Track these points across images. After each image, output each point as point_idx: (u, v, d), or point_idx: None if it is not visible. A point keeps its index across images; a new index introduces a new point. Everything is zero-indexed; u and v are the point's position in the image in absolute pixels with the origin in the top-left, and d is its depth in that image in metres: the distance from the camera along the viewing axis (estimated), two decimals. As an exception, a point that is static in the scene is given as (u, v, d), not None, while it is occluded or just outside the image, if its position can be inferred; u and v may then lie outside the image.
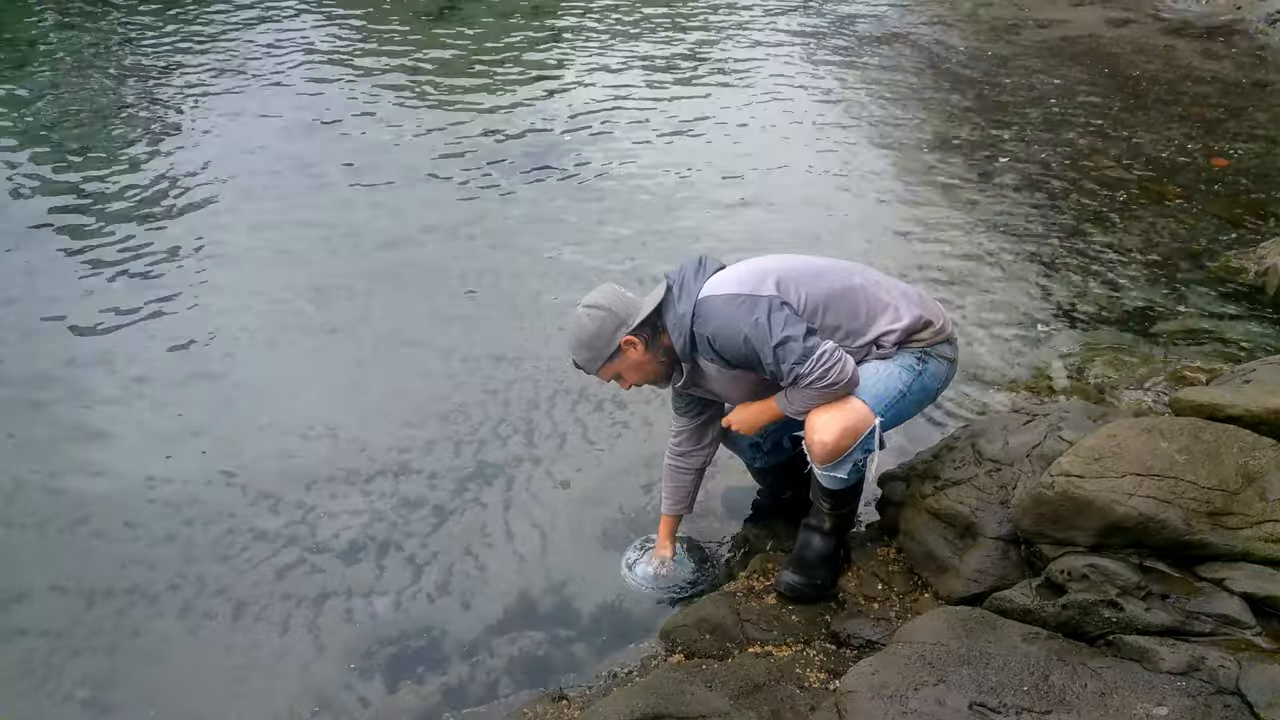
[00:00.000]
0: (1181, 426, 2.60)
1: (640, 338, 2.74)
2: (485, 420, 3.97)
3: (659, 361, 2.80)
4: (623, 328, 2.72)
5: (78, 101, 7.42)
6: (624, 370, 2.82)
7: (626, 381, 2.86)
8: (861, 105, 7.46)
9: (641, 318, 2.73)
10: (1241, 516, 2.38)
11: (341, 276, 5.06)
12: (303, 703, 2.82)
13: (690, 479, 3.12)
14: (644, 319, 2.73)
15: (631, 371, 2.82)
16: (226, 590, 3.19)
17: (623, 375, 2.84)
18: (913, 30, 9.49)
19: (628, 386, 2.90)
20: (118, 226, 5.52)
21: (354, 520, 3.48)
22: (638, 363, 2.79)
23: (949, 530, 2.85)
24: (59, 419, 3.99)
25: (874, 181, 6.11)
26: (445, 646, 3.00)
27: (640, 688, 2.54)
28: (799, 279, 2.68)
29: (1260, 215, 5.44)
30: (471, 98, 7.51)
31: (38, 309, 4.75)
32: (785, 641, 2.80)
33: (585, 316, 2.75)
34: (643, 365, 2.80)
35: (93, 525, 3.46)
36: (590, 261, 5.13)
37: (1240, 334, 4.32)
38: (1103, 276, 4.90)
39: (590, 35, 9.19)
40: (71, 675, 2.91)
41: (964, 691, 2.19)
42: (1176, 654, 2.21)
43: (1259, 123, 6.80)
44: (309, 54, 8.49)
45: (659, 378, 2.87)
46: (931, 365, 2.75)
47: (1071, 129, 6.84)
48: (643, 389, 3.96)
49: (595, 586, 3.19)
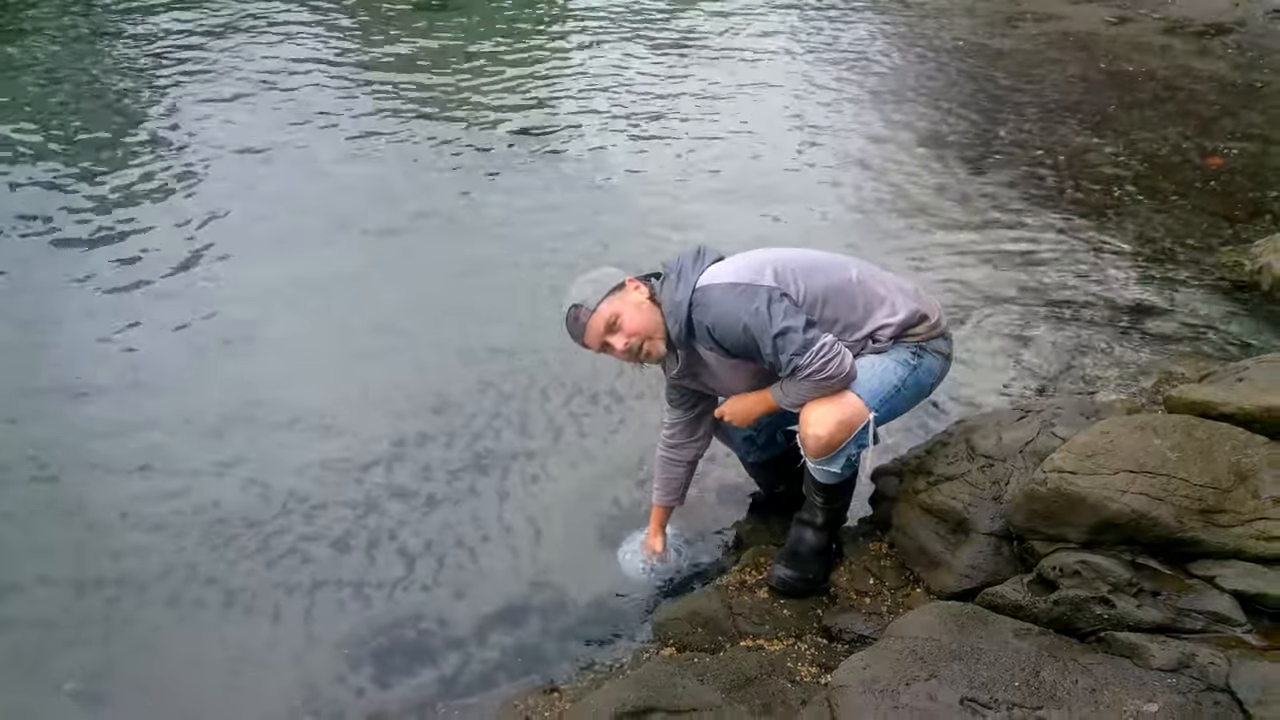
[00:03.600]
0: (1174, 424, 2.60)
1: (645, 284, 2.74)
2: (479, 412, 3.96)
3: (660, 319, 2.70)
4: (626, 274, 2.77)
5: (62, 91, 7.37)
6: (624, 310, 2.66)
7: (623, 336, 2.66)
8: (857, 99, 7.45)
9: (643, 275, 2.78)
10: (1233, 514, 2.38)
11: (336, 266, 5.03)
12: (294, 693, 2.82)
13: (682, 471, 3.11)
14: (645, 276, 2.78)
15: (632, 311, 2.67)
16: (218, 580, 3.18)
17: (620, 320, 2.66)
18: (909, 23, 9.48)
19: (622, 346, 2.67)
20: (108, 217, 5.47)
21: (346, 511, 3.47)
22: (639, 303, 2.69)
23: (941, 525, 2.86)
24: (48, 409, 3.97)
25: (868, 176, 6.11)
26: (437, 638, 3.00)
27: (631, 680, 2.54)
28: (797, 271, 2.67)
29: (1255, 213, 5.45)
30: (466, 88, 7.48)
31: (28, 299, 4.71)
32: (777, 635, 2.80)
33: (589, 272, 2.80)
34: (643, 309, 2.68)
35: (83, 515, 3.44)
36: (586, 252, 5.12)
37: (1234, 332, 4.34)
38: (1097, 273, 4.91)
39: (586, 26, 9.16)
40: (62, 666, 2.89)
41: (955, 687, 2.20)
42: (1167, 651, 2.21)
43: (1254, 122, 6.81)
44: (302, 45, 8.44)
45: (658, 332, 2.70)
46: (926, 360, 2.75)
47: (1067, 125, 6.84)
48: (634, 384, 3.95)
49: (587, 579, 3.19)
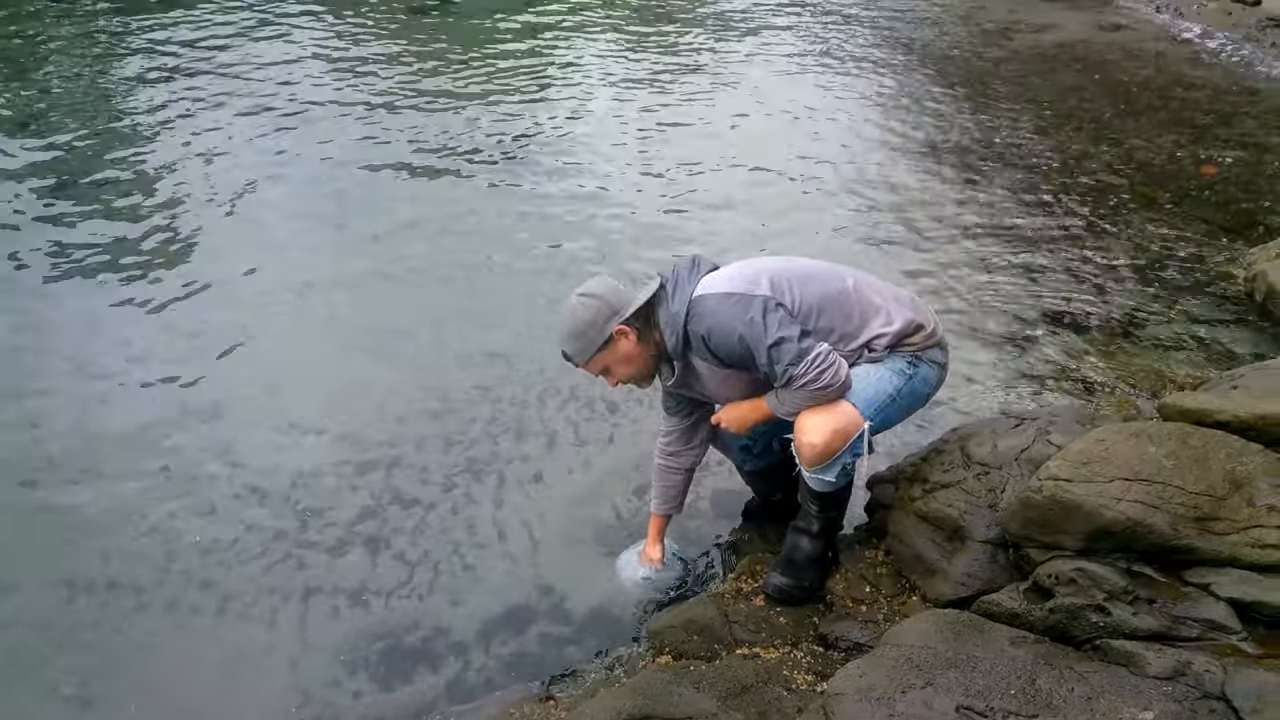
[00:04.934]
0: (1169, 432, 2.61)
1: (633, 328, 2.72)
2: (476, 418, 3.96)
3: (649, 356, 2.77)
4: (616, 317, 2.70)
5: (67, 93, 7.37)
6: (613, 363, 2.77)
7: (614, 377, 2.81)
8: (852, 108, 7.47)
9: (634, 308, 2.72)
10: (1228, 522, 2.39)
11: (331, 271, 5.04)
12: (290, 698, 2.81)
13: (680, 479, 3.11)
14: (636, 310, 2.72)
15: (621, 364, 2.77)
16: (214, 585, 3.18)
17: (610, 370, 2.79)
18: (904, 33, 9.51)
19: (615, 383, 2.85)
20: (107, 220, 5.48)
21: (342, 516, 3.47)
22: (628, 355, 2.75)
23: (937, 533, 2.86)
24: (44, 413, 3.96)
25: (863, 184, 6.12)
26: (433, 644, 2.99)
27: (627, 689, 2.53)
28: (793, 281, 2.68)
29: (1248, 223, 5.47)
30: (462, 92, 7.50)
31: (24, 301, 4.71)
32: (773, 643, 2.80)
33: (579, 304, 2.73)
34: (633, 358, 2.76)
35: (79, 518, 3.43)
36: (582, 256, 5.13)
37: (1228, 340, 4.35)
38: (1092, 281, 4.92)
39: (582, 29, 9.18)
40: (57, 669, 2.89)
41: (951, 695, 2.20)
42: (1163, 659, 2.22)
43: (1248, 130, 6.84)
44: (297, 48, 8.46)
45: (646, 375, 2.83)
46: (922, 370, 2.75)
47: (1063, 133, 6.87)
48: (632, 391, 3.96)
49: (583, 587, 3.19)
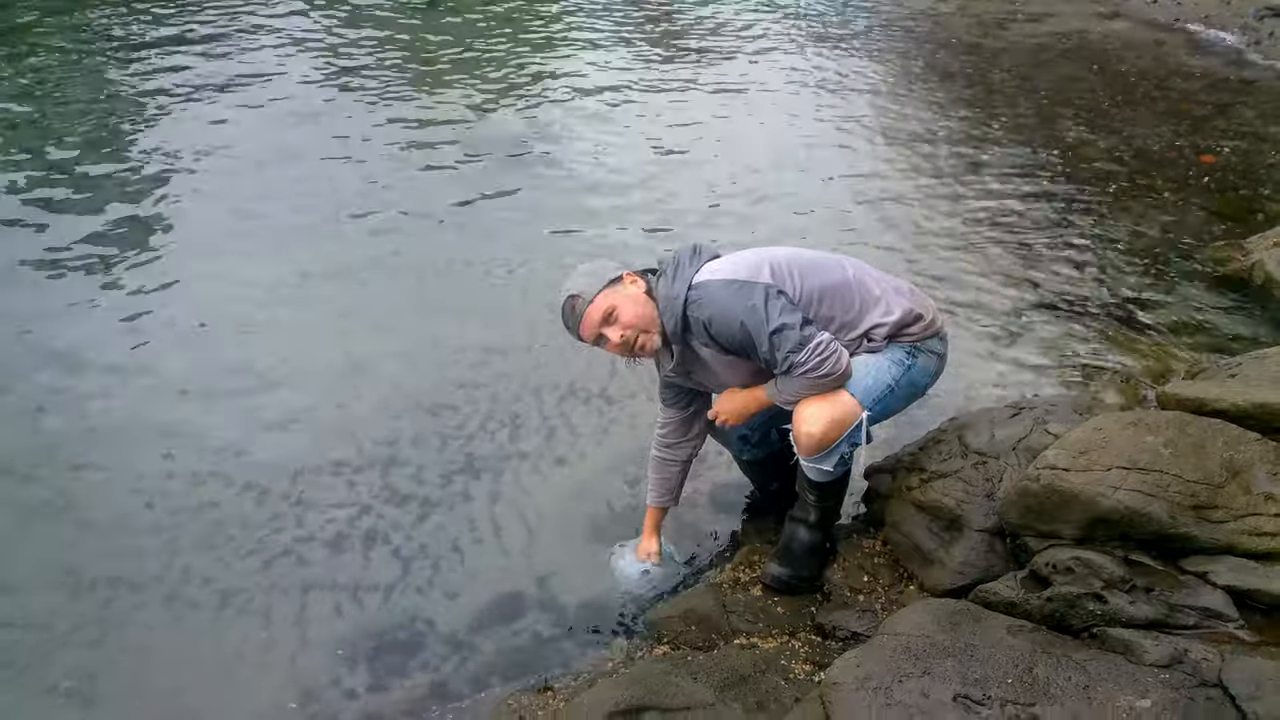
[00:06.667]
0: (1167, 420, 2.61)
1: (641, 279, 2.74)
2: (473, 413, 3.96)
3: (654, 316, 2.69)
4: (622, 268, 2.75)
5: (57, 87, 7.36)
6: (620, 300, 2.66)
7: (619, 326, 2.66)
8: (850, 98, 7.46)
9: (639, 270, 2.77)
10: (1226, 510, 2.38)
11: (327, 266, 5.03)
12: (288, 694, 2.81)
13: (676, 470, 3.10)
14: (641, 271, 2.77)
15: (628, 304, 2.66)
16: (212, 581, 3.17)
17: (617, 311, 2.65)
18: (902, 22, 9.49)
19: (618, 339, 2.67)
20: (101, 215, 5.47)
21: (340, 512, 3.46)
22: (635, 296, 2.68)
23: (935, 522, 2.86)
24: (43, 409, 3.96)
25: (861, 174, 6.11)
26: (431, 639, 2.99)
27: (625, 679, 2.53)
28: (794, 269, 2.67)
29: (1247, 210, 5.46)
30: (460, 87, 7.49)
31: (19, 298, 4.70)
32: (771, 633, 2.80)
33: (586, 264, 2.82)
34: (640, 302, 2.68)
35: (77, 515, 3.43)
36: (580, 250, 5.12)
37: (1226, 328, 4.35)
38: (1090, 269, 4.92)
39: (580, 25, 9.16)
40: (56, 666, 2.88)
41: (948, 683, 2.20)
42: (1160, 647, 2.22)
43: (1246, 119, 6.83)
44: (294, 44, 8.44)
45: (651, 330, 2.69)
46: (921, 360, 2.75)
47: (1061, 122, 6.86)
48: (626, 384, 3.95)
49: (581, 579, 3.19)
